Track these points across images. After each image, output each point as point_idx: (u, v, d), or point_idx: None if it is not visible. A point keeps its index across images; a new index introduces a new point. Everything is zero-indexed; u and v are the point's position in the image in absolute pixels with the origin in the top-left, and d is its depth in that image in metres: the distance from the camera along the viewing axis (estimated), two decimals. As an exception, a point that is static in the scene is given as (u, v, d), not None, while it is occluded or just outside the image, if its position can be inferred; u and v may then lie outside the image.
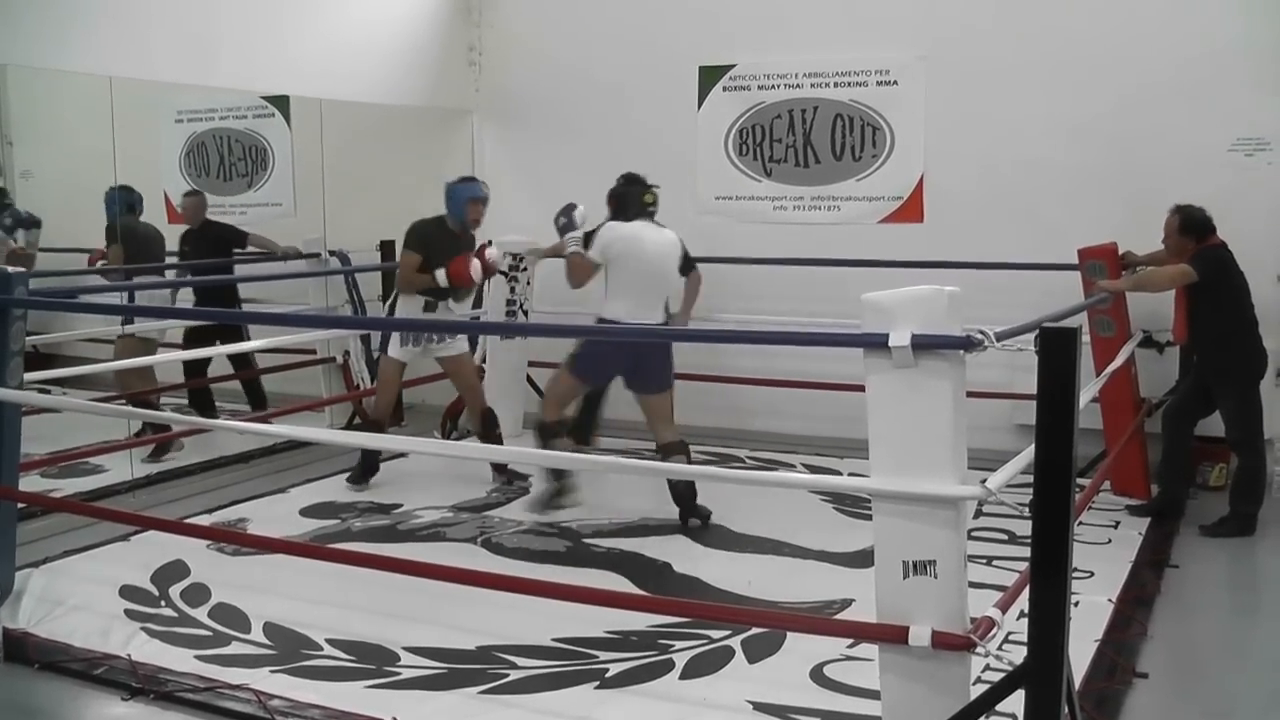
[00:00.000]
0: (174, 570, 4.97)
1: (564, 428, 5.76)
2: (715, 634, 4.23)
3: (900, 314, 2.70)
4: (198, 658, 4.07)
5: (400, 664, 4.02)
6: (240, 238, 7.77)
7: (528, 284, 7.43)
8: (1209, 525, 5.67)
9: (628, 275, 5.53)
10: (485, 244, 6.28)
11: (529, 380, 7.50)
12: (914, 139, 7.28)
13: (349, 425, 7.52)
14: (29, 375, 4.84)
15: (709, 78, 7.81)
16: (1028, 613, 2.72)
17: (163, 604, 4.62)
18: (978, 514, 5.39)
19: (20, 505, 4.76)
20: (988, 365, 3.07)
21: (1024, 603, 2.78)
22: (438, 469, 6.55)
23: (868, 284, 3.02)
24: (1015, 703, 2.74)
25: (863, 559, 4.85)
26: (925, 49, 7.20)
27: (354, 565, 4.08)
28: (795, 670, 3.92)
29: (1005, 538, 5.32)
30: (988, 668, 3.36)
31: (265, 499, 6.22)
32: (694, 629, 4.26)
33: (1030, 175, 6.90)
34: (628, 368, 5.66)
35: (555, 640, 4.17)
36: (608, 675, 3.94)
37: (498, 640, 4.17)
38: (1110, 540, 5.44)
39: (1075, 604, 3.03)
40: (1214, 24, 6.44)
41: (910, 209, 7.32)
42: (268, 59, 6.79)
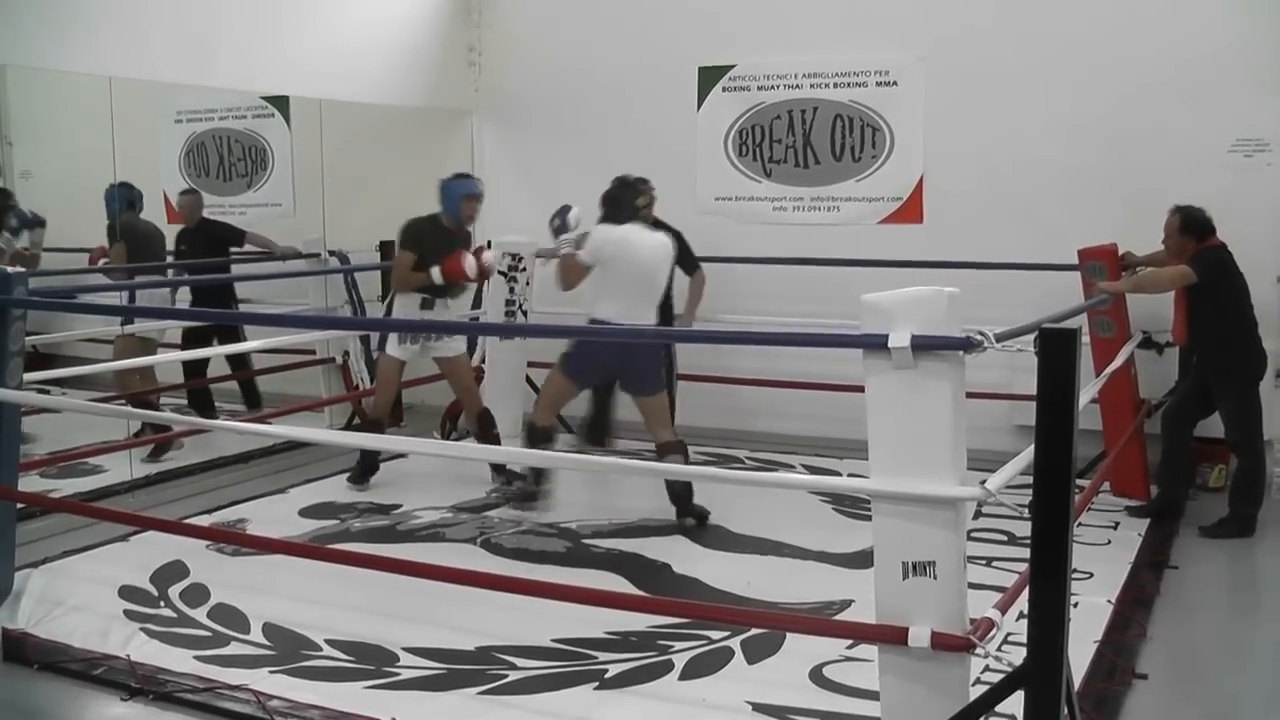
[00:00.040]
0: (173, 570, 4.97)
1: (554, 433, 5.76)
2: (714, 635, 4.23)
3: (900, 315, 2.70)
4: (197, 658, 4.07)
5: (399, 664, 4.02)
6: (237, 236, 7.77)
7: (527, 284, 7.42)
8: (1208, 526, 5.67)
9: (618, 277, 5.51)
10: (483, 246, 6.28)
11: (528, 381, 7.50)
12: (914, 140, 7.27)
13: (348, 425, 7.52)
14: (29, 375, 4.84)
15: (709, 78, 7.81)
16: (1027, 614, 2.72)
17: (162, 604, 4.62)
18: (977, 515, 5.38)
19: (20, 505, 4.76)
20: (987, 366, 3.07)
21: (1023, 604, 2.78)
22: (437, 469, 6.54)
23: (867, 284, 3.02)
24: (1015, 704, 2.74)
25: (862, 560, 4.85)
26: (925, 50, 7.19)
27: (353, 566, 4.08)
28: (794, 671, 3.92)
29: (1005, 539, 5.32)
30: (987, 669, 3.34)
31: (265, 499, 6.22)
32: (693, 630, 4.26)
33: (1030, 176, 6.90)
34: (619, 369, 5.66)
35: (554, 641, 4.17)
36: (607, 676, 3.93)
37: (497, 641, 4.16)
38: (1110, 541, 5.44)
39: (1075, 605, 3.02)
40: (1214, 24, 6.43)
41: (910, 210, 7.32)
42: (267, 59, 6.78)
